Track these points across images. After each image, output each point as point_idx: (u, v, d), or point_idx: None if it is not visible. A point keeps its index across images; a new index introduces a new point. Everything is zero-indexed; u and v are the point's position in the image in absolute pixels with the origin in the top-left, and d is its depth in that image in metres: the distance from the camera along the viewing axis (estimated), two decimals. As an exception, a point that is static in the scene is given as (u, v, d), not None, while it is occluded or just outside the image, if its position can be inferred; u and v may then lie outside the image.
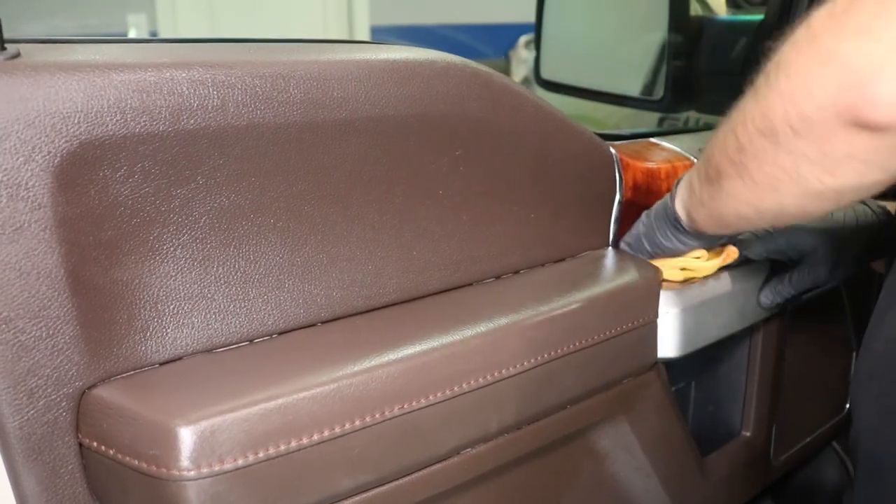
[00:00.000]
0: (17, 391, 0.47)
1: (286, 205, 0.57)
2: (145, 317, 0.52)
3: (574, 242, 0.80)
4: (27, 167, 0.46)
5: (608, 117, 1.62)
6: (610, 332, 0.72)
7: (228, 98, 0.52)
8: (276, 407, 0.50)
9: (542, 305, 0.68)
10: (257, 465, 0.49)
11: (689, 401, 1.02)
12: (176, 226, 0.52)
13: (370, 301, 0.63)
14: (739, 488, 1.04)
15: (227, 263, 0.55)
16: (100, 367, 0.50)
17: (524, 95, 0.71)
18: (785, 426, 1.08)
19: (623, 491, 0.84)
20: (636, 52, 1.39)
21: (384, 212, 0.63)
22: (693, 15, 1.36)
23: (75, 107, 0.47)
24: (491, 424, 0.63)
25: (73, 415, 0.49)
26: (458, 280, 0.69)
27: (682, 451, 0.90)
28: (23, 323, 0.46)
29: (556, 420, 0.70)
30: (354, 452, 0.54)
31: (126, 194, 0.50)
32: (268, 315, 0.57)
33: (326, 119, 0.57)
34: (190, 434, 0.47)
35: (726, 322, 0.88)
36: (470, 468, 0.64)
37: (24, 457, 0.47)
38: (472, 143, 0.67)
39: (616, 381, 0.76)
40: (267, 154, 0.55)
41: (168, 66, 0.51)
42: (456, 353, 0.60)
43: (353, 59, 0.60)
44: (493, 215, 0.71)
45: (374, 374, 0.55)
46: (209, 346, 0.55)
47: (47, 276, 0.47)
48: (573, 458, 0.77)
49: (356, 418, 0.53)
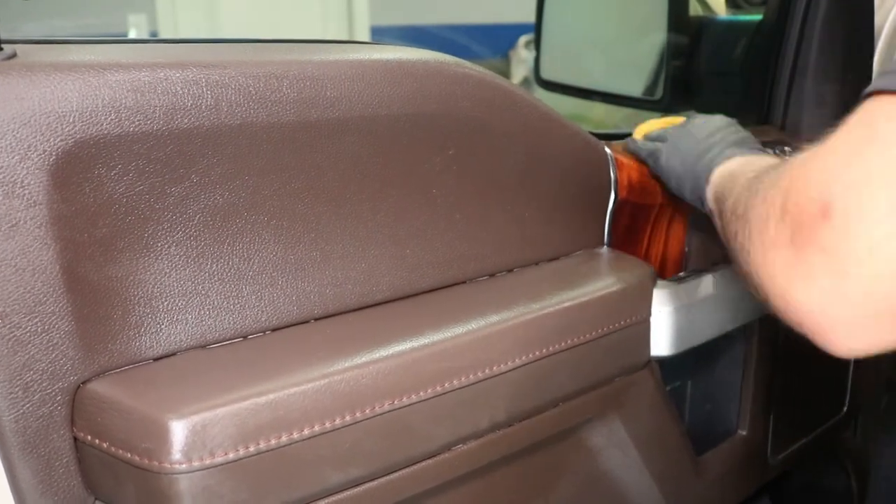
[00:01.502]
0: (13, 385, 0.47)
1: (280, 203, 0.58)
2: (139, 313, 0.53)
3: (568, 241, 0.81)
4: (23, 165, 0.46)
5: (608, 117, 1.63)
6: (603, 330, 0.73)
7: (222, 97, 0.53)
8: (268, 402, 0.51)
9: (535, 303, 0.68)
10: (248, 458, 0.50)
11: (685, 399, 1.02)
12: (170, 223, 0.53)
13: (363, 298, 0.64)
14: (735, 487, 1.04)
15: (220, 260, 0.56)
16: (94, 361, 0.51)
17: (518, 95, 0.72)
18: (782, 425, 1.08)
19: (617, 489, 0.84)
20: (636, 53, 1.39)
21: (377, 210, 0.63)
22: (693, 15, 1.36)
23: (70, 106, 0.47)
24: (482, 421, 0.64)
25: (68, 409, 0.50)
26: (452, 278, 0.70)
27: (676, 450, 0.90)
28: (18, 318, 0.47)
29: (548, 417, 0.71)
30: (345, 447, 0.54)
31: (121, 192, 0.51)
32: (261, 312, 0.58)
33: (320, 118, 0.58)
34: (182, 428, 0.47)
35: (720, 320, 0.89)
36: (461, 464, 0.64)
37: (19, 450, 0.48)
38: (466, 143, 0.68)
39: (609, 379, 0.77)
40: (261, 153, 0.56)
41: (162, 65, 0.51)
42: (447, 350, 0.60)
43: (346, 59, 0.61)
44: (486, 214, 0.71)
45: (365, 370, 0.55)
46: (202, 342, 0.55)
47: (43, 273, 0.48)
48: (565, 456, 0.78)
49: (347, 414, 0.54)
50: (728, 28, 1.42)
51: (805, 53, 1.13)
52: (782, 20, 1.14)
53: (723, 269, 0.90)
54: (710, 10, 1.50)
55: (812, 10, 1.12)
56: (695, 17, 1.37)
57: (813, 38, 1.12)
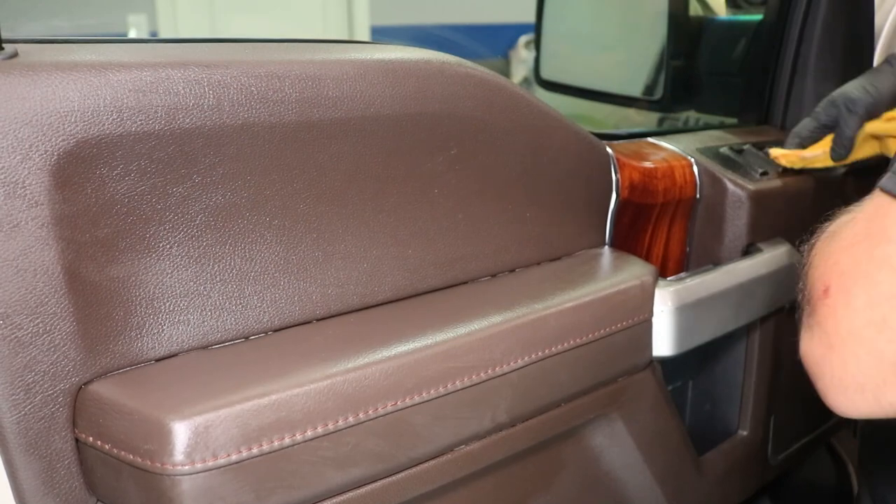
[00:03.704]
0: (15, 386, 0.47)
1: (282, 203, 0.58)
2: (141, 313, 0.52)
3: (570, 241, 0.81)
4: (24, 165, 0.46)
5: (608, 117, 1.63)
6: (605, 331, 0.73)
7: (224, 97, 0.53)
8: (270, 403, 0.50)
9: (537, 304, 0.68)
10: (250, 459, 0.50)
11: (686, 399, 1.02)
12: (172, 223, 0.53)
13: (365, 299, 0.64)
14: (736, 487, 1.04)
15: (222, 261, 0.56)
16: (96, 363, 0.51)
17: (519, 95, 0.72)
18: (783, 425, 1.08)
19: (618, 488, 0.84)
20: (636, 53, 1.39)
21: (379, 210, 0.63)
22: (693, 15, 1.36)
23: (72, 106, 0.47)
24: (484, 422, 0.64)
25: (70, 410, 0.50)
26: (454, 278, 0.70)
27: (677, 450, 0.90)
28: (20, 319, 0.47)
29: (551, 418, 0.71)
30: (347, 448, 0.54)
31: (122, 192, 0.50)
32: (263, 312, 0.58)
33: (322, 118, 0.57)
34: (184, 429, 0.47)
35: (722, 321, 0.89)
36: (463, 465, 0.64)
37: (21, 451, 0.48)
38: (467, 142, 0.68)
39: (611, 380, 0.76)
40: (262, 153, 0.56)
41: (164, 65, 0.51)
42: (450, 350, 0.60)
43: (348, 58, 0.60)
44: (488, 214, 0.71)
45: (367, 370, 0.55)
46: (204, 343, 0.55)
47: (44, 273, 0.48)
48: (567, 456, 0.78)
49: (349, 414, 0.54)
50: (728, 28, 1.42)
51: (805, 53, 1.14)
52: (782, 20, 1.14)
53: (724, 268, 0.90)
54: (710, 10, 1.50)
55: (812, 10, 1.12)
56: (695, 17, 1.37)
57: (813, 38, 1.12)
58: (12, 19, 0.74)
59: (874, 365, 0.47)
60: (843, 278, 0.48)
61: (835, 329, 0.48)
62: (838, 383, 0.49)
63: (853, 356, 0.48)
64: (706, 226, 0.94)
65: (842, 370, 0.48)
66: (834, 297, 0.48)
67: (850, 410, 0.50)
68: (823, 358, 0.49)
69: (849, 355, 0.48)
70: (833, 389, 0.50)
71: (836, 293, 0.48)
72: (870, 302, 0.46)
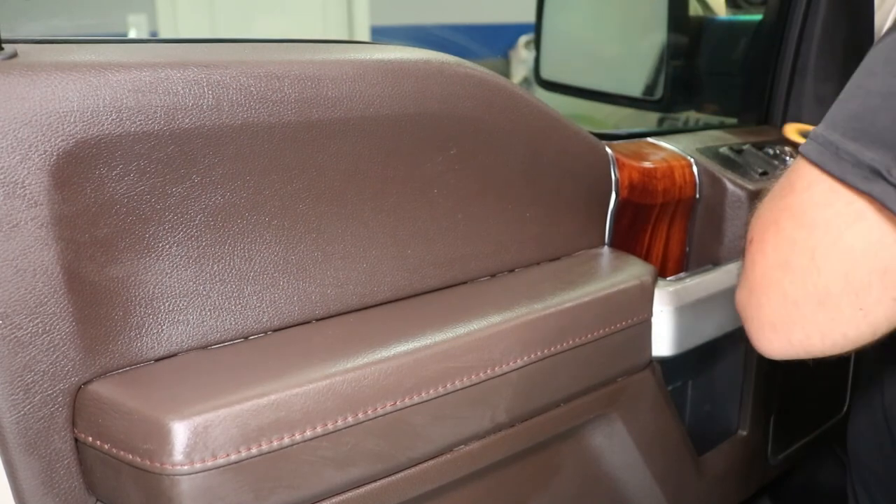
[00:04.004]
0: (14, 386, 0.47)
1: (281, 203, 0.58)
2: (141, 313, 0.52)
3: (569, 241, 0.81)
4: (24, 165, 0.46)
5: (608, 117, 1.63)
6: (604, 331, 0.73)
7: (223, 97, 0.53)
8: (269, 403, 0.50)
9: (537, 304, 0.68)
10: (250, 459, 0.50)
11: (685, 399, 1.02)
12: (171, 224, 0.53)
13: (364, 299, 0.64)
14: (736, 487, 1.04)
15: (222, 261, 0.56)
16: (95, 363, 0.51)
17: (519, 95, 0.72)
18: (782, 425, 1.08)
19: (618, 488, 0.84)
20: (636, 53, 1.39)
21: (379, 210, 0.63)
22: (693, 15, 1.36)
23: (71, 106, 0.47)
24: (484, 422, 0.64)
25: (69, 410, 0.50)
26: (453, 278, 0.70)
27: (677, 449, 0.90)
28: (19, 319, 0.47)
29: (550, 418, 0.71)
30: (346, 448, 0.54)
31: (122, 192, 0.50)
32: (262, 312, 0.58)
33: (321, 118, 0.57)
34: (183, 429, 0.47)
35: (722, 320, 0.89)
36: (463, 465, 0.64)
37: (20, 451, 0.48)
38: (467, 142, 0.68)
39: (610, 380, 0.76)
40: (262, 153, 0.56)
41: (163, 65, 0.51)
42: (449, 350, 0.60)
43: (347, 58, 0.60)
44: (487, 214, 0.71)
45: (366, 370, 0.55)
46: (204, 343, 0.55)
47: (44, 273, 0.48)
48: (567, 456, 0.78)
49: (348, 414, 0.54)
50: (728, 28, 1.42)
51: (805, 53, 1.13)
52: (782, 20, 1.14)
53: (724, 268, 0.90)
54: (710, 10, 1.50)
55: (812, 10, 1.12)
56: (695, 17, 1.37)
57: (813, 38, 1.12)
58: (12, 19, 0.74)
59: (781, 304, 0.51)
60: (760, 228, 0.53)
61: (752, 273, 0.53)
62: (758, 324, 0.54)
63: (766, 297, 0.52)
64: (706, 226, 0.94)
65: (758, 311, 0.53)
66: (755, 245, 0.53)
67: (768, 350, 0.54)
68: (747, 301, 0.54)
69: (762, 297, 0.53)
70: (755, 331, 0.54)
71: (755, 242, 0.53)
72: (776, 246, 0.51)
